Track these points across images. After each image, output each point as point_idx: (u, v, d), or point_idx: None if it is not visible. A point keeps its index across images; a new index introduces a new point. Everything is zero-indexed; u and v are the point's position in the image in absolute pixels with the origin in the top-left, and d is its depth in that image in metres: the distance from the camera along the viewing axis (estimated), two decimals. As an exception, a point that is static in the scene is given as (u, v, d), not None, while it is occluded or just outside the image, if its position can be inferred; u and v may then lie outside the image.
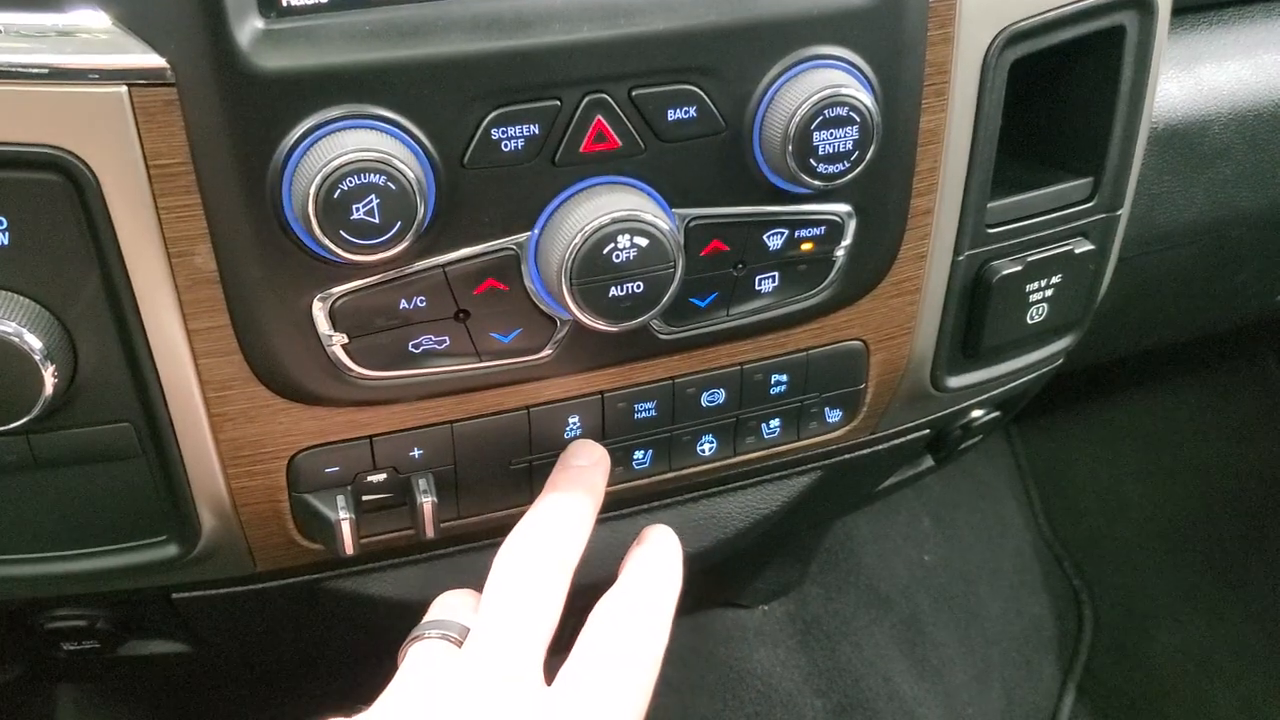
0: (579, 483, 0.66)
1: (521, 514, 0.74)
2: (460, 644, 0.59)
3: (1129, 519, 1.67)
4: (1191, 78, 0.89)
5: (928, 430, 0.91)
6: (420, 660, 0.59)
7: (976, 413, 0.94)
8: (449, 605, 0.63)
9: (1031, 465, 1.75)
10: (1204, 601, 1.57)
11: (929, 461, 1.02)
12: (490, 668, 0.56)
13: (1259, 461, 1.59)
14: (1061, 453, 1.74)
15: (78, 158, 0.55)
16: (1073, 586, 1.66)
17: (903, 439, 0.89)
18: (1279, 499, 1.56)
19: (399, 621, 0.82)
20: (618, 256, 0.59)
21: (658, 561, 0.63)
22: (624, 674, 0.57)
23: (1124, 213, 0.82)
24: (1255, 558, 1.56)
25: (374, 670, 0.66)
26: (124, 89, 0.54)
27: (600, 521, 0.69)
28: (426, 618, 0.63)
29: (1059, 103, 0.80)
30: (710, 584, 1.37)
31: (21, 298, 0.58)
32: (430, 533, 0.69)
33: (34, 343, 0.57)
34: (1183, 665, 1.54)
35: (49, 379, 0.58)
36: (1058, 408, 1.67)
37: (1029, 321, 0.81)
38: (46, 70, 0.53)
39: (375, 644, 0.95)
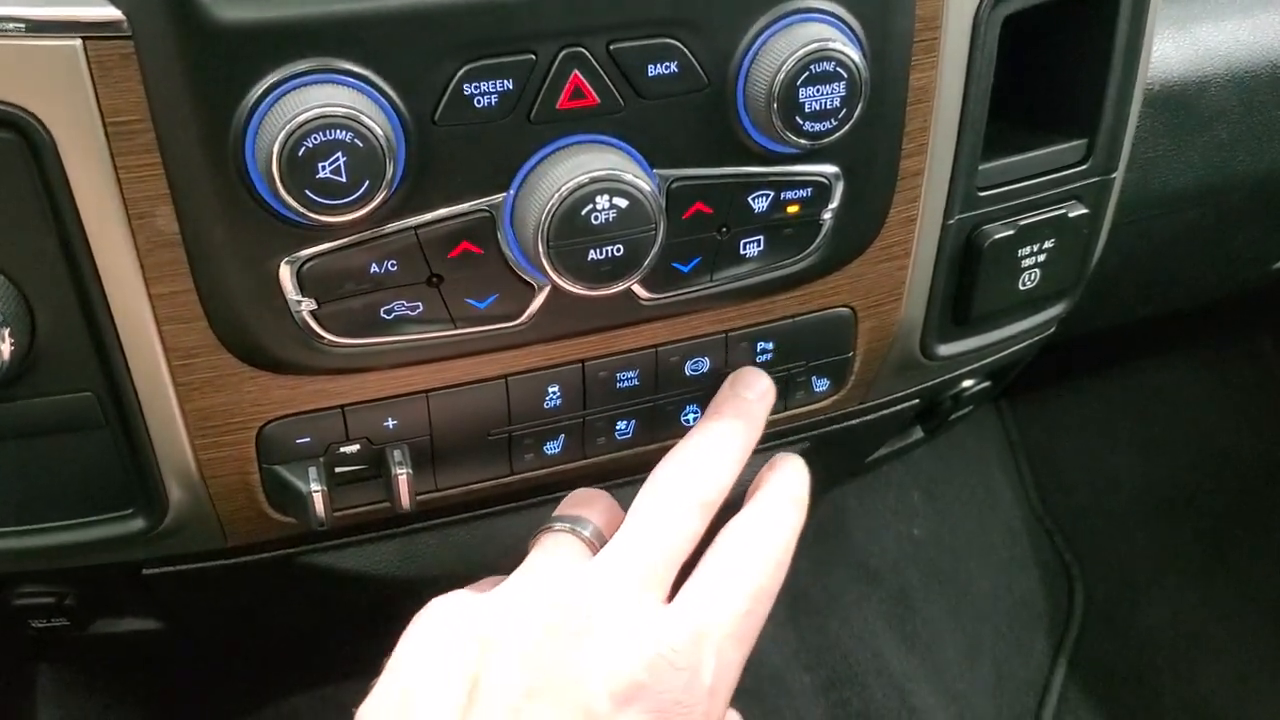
0: (742, 414, 0.68)
1: (501, 486, 0.73)
2: (589, 542, 0.62)
3: (1120, 493, 1.66)
4: (1188, 37, 0.87)
5: (917, 400, 0.89)
6: (552, 547, 0.62)
7: (967, 382, 0.93)
8: (582, 500, 0.66)
9: (1022, 439, 1.74)
10: (1195, 575, 1.57)
11: (919, 433, 1.01)
12: (619, 578, 0.58)
13: (1250, 434, 1.59)
14: (1052, 426, 1.73)
15: (31, 114, 0.53)
16: (1063, 561, 1.66)
17: (892, 409, 0.88)
18: (1270, 472, 1.56)
19: (377, 597, 0.81)
20: (596, 218, 0.57)
21: (785, 491, 0.65)
22: (742, 600, 0.59)
23: (1118, 176, 0.80)
24: (1246, 531, 1.55)
25: (355, 646, 0.65)
26: (78, 42, 0.52)
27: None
28: (559, 510, 0.66)
29: (1052, 62, 0.78)
30: (697, 558, 1.35)
31: (-26, 261, 0.55)
32: (406, 505, 0.67)
33: (-12, 308, 0.55)
34: (1173, 639, 1.53)
35: (5, 346, 0.55)
36: (1048, 381, 1.66)
37: (1021, 288, 0.79)
38: (-3, 22, 0.51)
39: (354, 620, 0.93)
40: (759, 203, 0.64)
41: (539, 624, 0.56)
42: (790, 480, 0.66)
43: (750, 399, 0.69)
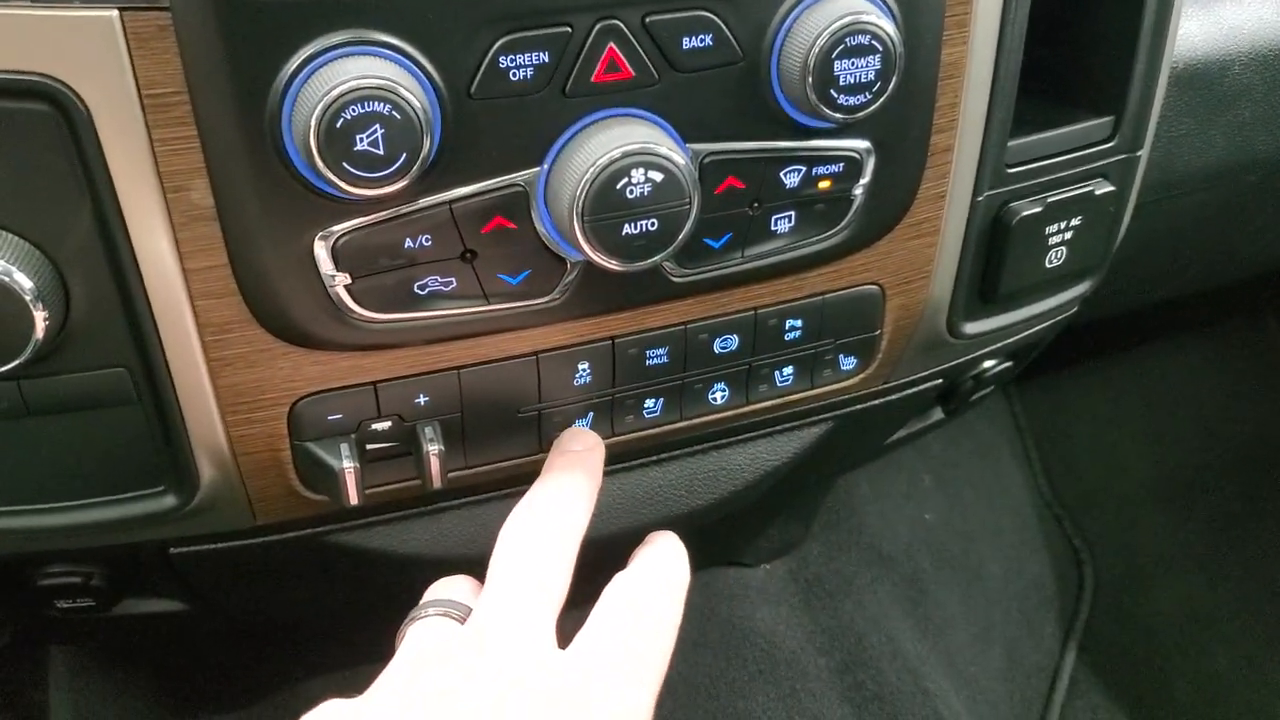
0: (577, 465, 0.64)
1: (530, 464, 0.73)
2: (463, 620, 0.57)
3: (1128, 477, 1.66)
4: (1212, 17, 0.87)
5: (940, 380, 0.89)
6: (421, 636, 0.56)
7: (988, 363, 0.93)
8: (447, 587, 0.61)
9: (1031, 424, 1.74)
10: (1203, 559, 1.57)
11: (939, 414, 1.01)
12: (503, 628, 0.54)
13: (1258, 419, 1.59)
14: (1061, 412, 1.73)
15: (68, 86, 0.53)
16: (1072, 545, 1.66)
17: (915, 389, 0.88)
18: (1277, 456, 1.56)
19: (404, 578, 0.81)
20: (631, 192, 0.57)
21: (668, 550, 0.62)
22: (645, 636, 0.56)
23: (1144, 154, 0.80)
24: (1254, 515, 1.56)
25: (378, 629, 0.65)
26: (115, 13, 0.52)
27: (608, 474, 0.68)
28: (424, 599, 0.60)
29: (1080, 39, 0.78)
30: (714, 541, 1.36)
31: (10, 235, 0.55)
32: (437, 483, 0.67)
33: (24, 282, 0.54)
34: (1183, 623, 1.54)
35: (40, 321, 0.55)
36: (1057, 367, 1.66)
37: (1047, 265, 0.79)
38: (33, -7, 0.51)
39: (378, 603, 0.93)
40: (791, 178, 0.64)
41: (419, 687, 0.52)
42: (670, 543, 0.62)
43: (580, 450, 0.66)
